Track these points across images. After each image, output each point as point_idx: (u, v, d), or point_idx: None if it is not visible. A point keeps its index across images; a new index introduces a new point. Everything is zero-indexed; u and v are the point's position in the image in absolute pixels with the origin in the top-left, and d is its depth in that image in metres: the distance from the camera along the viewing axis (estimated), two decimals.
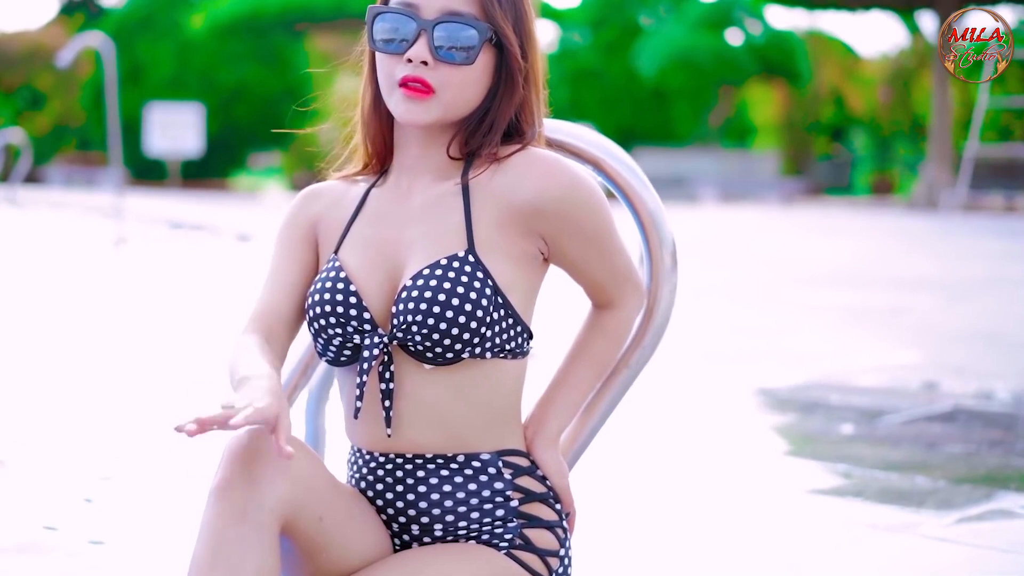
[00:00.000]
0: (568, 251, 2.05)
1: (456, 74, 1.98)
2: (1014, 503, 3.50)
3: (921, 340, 6.82)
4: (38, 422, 4.56)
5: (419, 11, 1.99)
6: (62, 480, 3.68)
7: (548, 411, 2.12)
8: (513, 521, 2.01)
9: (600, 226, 2.05)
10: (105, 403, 4.97)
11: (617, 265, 2.10)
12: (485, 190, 2.02)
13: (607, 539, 3.16)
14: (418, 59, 1.97)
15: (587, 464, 2.34)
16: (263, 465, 1.83)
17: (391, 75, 2.00)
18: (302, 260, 2.12)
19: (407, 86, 1.98)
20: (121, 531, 3.19)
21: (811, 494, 3.65)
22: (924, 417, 4.66)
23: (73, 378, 5.54)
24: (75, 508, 3.39)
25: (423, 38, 1.97)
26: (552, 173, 2.01)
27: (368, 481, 2.03)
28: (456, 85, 1.99)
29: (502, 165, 2.02)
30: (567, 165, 2.03)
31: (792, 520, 3.39)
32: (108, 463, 3.91)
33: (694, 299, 8.93)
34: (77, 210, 18.97)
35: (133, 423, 4.55)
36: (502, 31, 1.99)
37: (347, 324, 2.00)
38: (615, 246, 2.08)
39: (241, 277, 10.22)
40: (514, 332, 2.00)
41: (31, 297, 8.93)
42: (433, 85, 1.98)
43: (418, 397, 1.99)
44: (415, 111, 1.99)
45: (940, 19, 24.72)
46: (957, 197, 20.66)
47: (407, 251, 2.02)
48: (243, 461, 1.83)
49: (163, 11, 32.29)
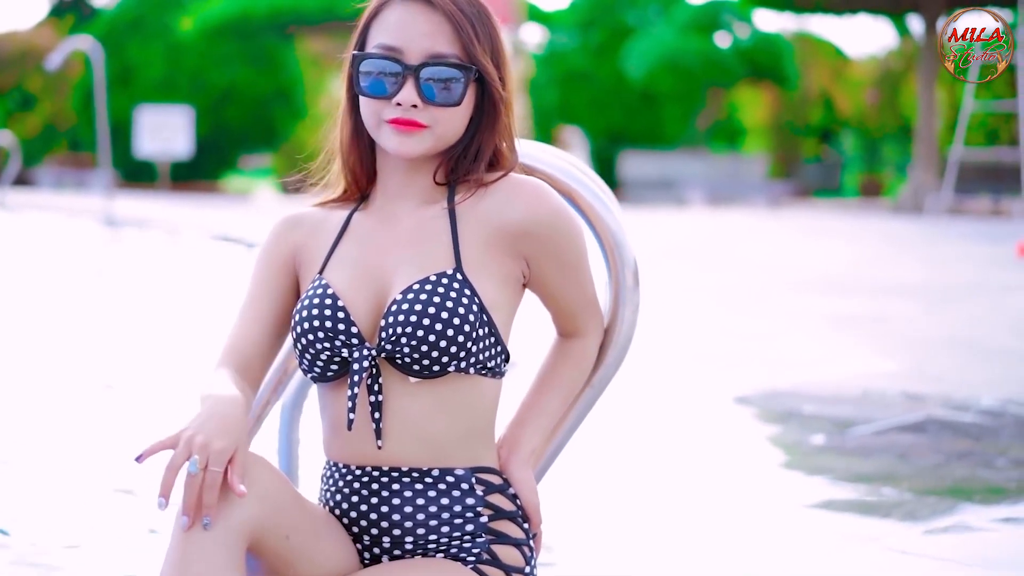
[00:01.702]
0: (548, 275, 2.14)
1: (444, 112, 2.06)
2: (978, 516, 3.55)
3: (900, 348, 6.88)
4: (18, 426, 4.60)
5: (403, 55, 2.06)
6: (43, 483, 3.71)
7: (521, 432, 2.20)
8: (482, 536, 2.07)
9: (579, 254, 2.16)
10: (86, 406, 5.00)
11: (588, 294, 2.21)
12: (471, 212, 2.10)
13: (577, 540, 3.21)
14: (408, 103, 2.04)
15: (556, 472, 2.41)
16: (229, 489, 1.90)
17: (378, 115, 2.07)
18: (278, 291, 2.18)
19: (398, 123, 2.05)
20: (97, 536, 3.24)
21: (777, 506, 3.70)
22: (896, 427, 4.72)
23: (59, 382, 5.57)
24: (48, 512, 3.43)
25: (410, 82, 2.05)
26: (540, 198, 2.10)
27: (344, 494, 2.09)
28: (446, 121, 2.07)
29: (488, 189, 2.11)
30: (552, 192, 2.13)
31: (756, 531, 3.44)
32: (94, 469, 3.95)
33: (679, 303, 8.99)
34: (65, 213, 18.97)
35: (113, 428, 4.58)
36: (484, 68, 2.07)
37: (335, 339, 2.06)
38: (588, 276, 2.19)
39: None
40: (495, 351, 2.08)
41: (15, 301, 8.95)
42: (425, 123, 2.06)
43: (402, 410, 2.06)
44: (408, 144, 2.06)
45: (926, 22, 24.77)
46: (942, 200, 20.74)
47: (394, 270, 2.09)
48: (198, 517, 1.89)
49: (153, 13, 32.25)
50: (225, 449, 1.88)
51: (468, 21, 2.06)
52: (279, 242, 2.21)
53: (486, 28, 2.09)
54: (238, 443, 1.90)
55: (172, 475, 1.87)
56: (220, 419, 1.92)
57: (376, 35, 2.09)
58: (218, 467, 1.87)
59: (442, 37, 2.05)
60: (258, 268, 2.21)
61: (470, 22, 2.06)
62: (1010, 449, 4.36)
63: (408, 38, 2.05)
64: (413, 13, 2.06)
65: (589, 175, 2.48)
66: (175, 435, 1.90)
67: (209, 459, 1.86)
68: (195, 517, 1.87)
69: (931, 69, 24.29)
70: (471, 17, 2.07)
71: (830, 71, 36.88)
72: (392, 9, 2.09)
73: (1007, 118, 24.34)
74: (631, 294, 2.40)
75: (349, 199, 2.22)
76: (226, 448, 1.88)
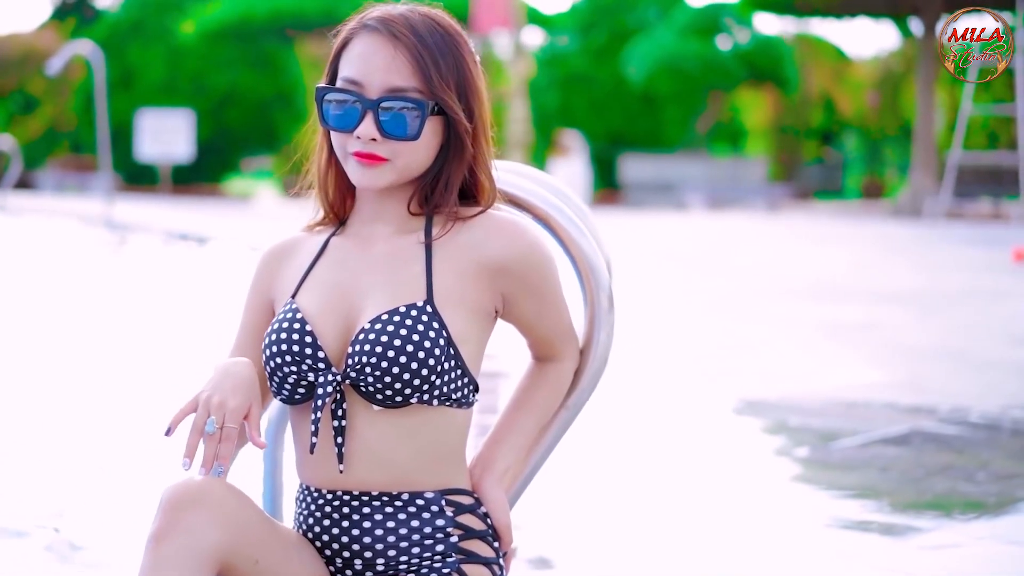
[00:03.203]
0: (525, 308, 2.18)
1: (404, 146, 2.09)
2: (956, 532, 3.58)
3: (891, 358, 6.90)
4: (13, 428, 4.62)
5: (363, 89, 2.08)
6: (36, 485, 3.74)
7: (495, 452, 2.24)
8: (452, 556, 2.10)
9: (555, 286, 2.19)
10: (83, 410, 5.02)
11: (564, 322, 2.25)
12: (448, 245, 2.13)
13: (560, 549, 3.24)
14: (367, 137, 2.07)
15: (540, 482, 2.45)
16: (197, 513, 1.95)
17: (343, 147, 2.11)
18: (264, 323, 2.22)
19: (360, 155, 2.09)
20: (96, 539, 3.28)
21: (755, 520, 3.72)
22: (880, 440, 4.75)
23: (56, 385, 5.59)
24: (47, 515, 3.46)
25: (369, 116, 2.07)
26: (517, 235, 2.14)
27: (316, 517, 2.13)
28: (407, 154, 2.09)
29: (466, 223, 2.14)
30: (528, 227, 2.17)
31: (731, 547, 3.45)
32: (93, 469, 3.98)
33: (673, 309, 9.02)
34: (65, 217, 18.99)
35: (108, 432, 4.60)
36: (444, 102, 2.08)
37: (302, 362, 2.09)
38: (564, 304, 2.23)
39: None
40: (461, 383, 2.11)
41: (15, 305, 8.97)
42: (385, 156, 2.08)
43: (366, 436, 2.09)
44: (370, 176, 2.10)
45: (925, 25, 24.79)
46: (940, 204, 20.76)
47: (364, 296, 2.12)
48: (177, 509, 1.95)
49: (154, 17, 32.32)
50: (240, 406, 2.00)
51: (430, 53, 2.07)
52: (261, 277, 2.26)
53: (451, 59, 2.10)
54: (252, 399, 2.02)
55: (196, 437, 1.99)
56: (233, 378, 2.03)
57: (343, 66, 2.13)
58: (234, 423, 1.99)
59: (402, 70, 2.07)
60: (246, 304, 2.26)
61: (431, 54, 2.07)
62: (991, 463, 4.39)
63: (368, 71, 2.08)
64: (375, 46, 2.09)
65: (565, 198, 2.52)
66: (193, 399, 2.01)
67: (226, 417, 1.99)
68: (210, 465, 1.98)
69: (930, 72, 24.31)
70: (434, 49, 2.08)
71: (831, 72, 36.90)
72: (358, 40, 2.12)
73: (1007, 122, 24.37)
74: (606, 317, 2.44)
75: (330, 222, 2.26)
76: (241, 405, 2.01)
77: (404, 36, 2.07)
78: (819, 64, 36.37)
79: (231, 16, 31.21)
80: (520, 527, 3.44)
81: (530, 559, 3.27)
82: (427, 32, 2.09)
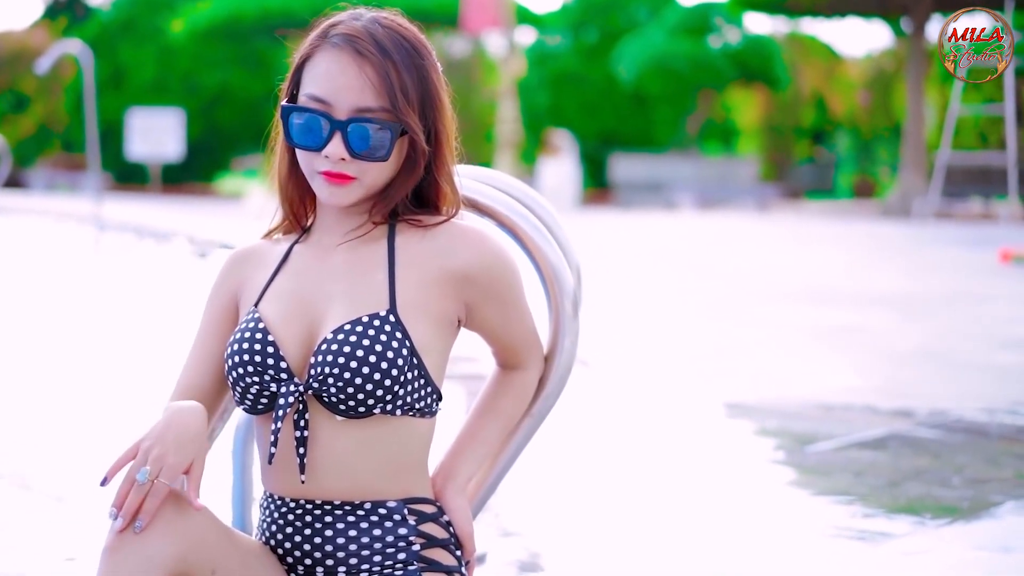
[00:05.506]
0: (489, 316, 2.18)
1: (372, 165, 2.08)
2: (928, 537, 3.58)
3: (874, 361, 6.91)
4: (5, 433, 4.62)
5: (332, 109, 2.07)
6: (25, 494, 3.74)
7: (458, 460, 2.24)
8: (413, 564, 2.10)
9: (519, 294, 2.19)
10: (77, 406, 5.02)
11: (528, 329, 2.25)
12: (410, 252, 2.13)
13: (548, 550, 3.25)
14: (336, 157, 2.06)
15: (520, 479, 2.45)
16: (152, 523, 1.94)
17: (310, 165, 2.09)
18: (226, 329, 2.21)
19: (328, 175, 2.07)
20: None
21: (731, 523, 3.73)
22: (856, 444, 4.75)
23: (49, 384, 5.58)
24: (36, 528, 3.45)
25: (337, 137, 2.06)
26: (482, 243, 2.13)
27: (279, 525, 2.13)
28: (374, 172, 2.09)
29: (430, 231, 2.13)
30: (492, 236, 2.16)
31: (708, 549, 3.46)
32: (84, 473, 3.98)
33: (660, 311, 9.02)
34: (54, 217, 18.96)
35: (99, 435, 4.60)
36: (408, 125, 2.07)
37: (264, 373, 2.08)
38: (528, 312, 2.23)
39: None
40: (424, 392, 2.10)
41: (5, 304, 8.97)
42: (353, 175, 2.08)
43: (329, 446, 2.08)
44: (338, 195, 2.09)
45: (914, 25, 24.81)
46: (929, 204, 20.78)
47: (327, 305, 2.11)
48: (133, 520, 1.94)
49: (145, 16, 32.32)
50: (178, 464, 1.93)
51: (396, 69, 2.06)
52: (225, 280, 2.24)
53: (415, 73, 2.08)
54: (195, 455, 1.96)
55: (128, 487, 1.93)
56: (177, 430, 1.96)
57: (307, 82, 2.11)
58: (168, 480, 1.92)
59: (370, 90, 2.05)
60: (207, 306, 2.24)
61: (397, 72, 2.06)
62: (966, 467, 4.38)
63: (336, 90, 2.06)
64: (342, 64, 2.07)
65: (533, 203, 2.52)
66: (134, 446, 1.95)
67: (161, 472, 1.92)
68: (129, 520, 1.91)
69: (919, 72, 24.34)
70: (400, 64, 2.06)
71: (822, 72, 36.92)
72: (323, 56, 2.10)
73: (996, 121, 24.40)
74: (570, 323, 2.44)
75: (293, 230, 2.25)
76: (180, 463, 1.93)
77: (370, 54, 2.06)
78: (810, 63, 36.39)
79: (221, 15, 31.21)
80: (508, 531, 3.47)
81: (518, 562, 3.27)
82: (393, 47, 2.07)
